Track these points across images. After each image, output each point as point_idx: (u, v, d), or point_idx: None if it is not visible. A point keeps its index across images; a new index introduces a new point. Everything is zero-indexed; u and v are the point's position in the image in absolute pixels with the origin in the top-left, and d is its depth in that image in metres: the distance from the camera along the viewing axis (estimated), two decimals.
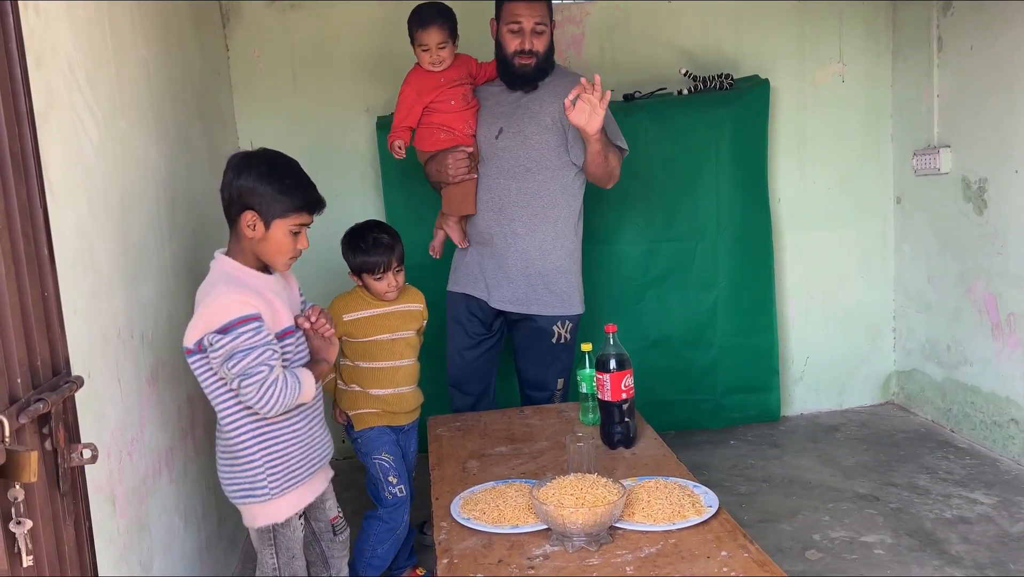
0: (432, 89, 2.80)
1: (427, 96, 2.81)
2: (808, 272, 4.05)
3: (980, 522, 2.89)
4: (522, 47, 2.66)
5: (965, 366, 3.64)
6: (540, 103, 2.76)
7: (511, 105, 2.79)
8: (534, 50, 2.67)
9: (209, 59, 3.24)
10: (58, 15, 1.67)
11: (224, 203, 1.95)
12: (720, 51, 3.88)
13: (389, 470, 2.54)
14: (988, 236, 3.42)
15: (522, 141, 2.75)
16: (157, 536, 2.04)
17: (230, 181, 1.92)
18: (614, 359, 2.20)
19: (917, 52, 3.79)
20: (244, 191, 1.89)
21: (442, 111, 2.81)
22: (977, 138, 3.45)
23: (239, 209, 1.90)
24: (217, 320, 1.80)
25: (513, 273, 2.82)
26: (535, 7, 2.65)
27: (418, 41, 2.76)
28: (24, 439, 1.17)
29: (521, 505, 1.84)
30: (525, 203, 2.78)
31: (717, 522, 1.75)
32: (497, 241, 2.82)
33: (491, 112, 2.82)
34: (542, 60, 2.70)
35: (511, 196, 2.78)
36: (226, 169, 1.94)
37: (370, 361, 2.54)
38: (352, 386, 2.57)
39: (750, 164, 3.74)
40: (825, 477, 3.34)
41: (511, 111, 2.79)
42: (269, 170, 1.91)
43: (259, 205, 1.89)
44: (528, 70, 2.70)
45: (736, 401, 3.84)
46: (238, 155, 1.96)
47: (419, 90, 2.81)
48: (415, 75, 2.84)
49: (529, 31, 2.65)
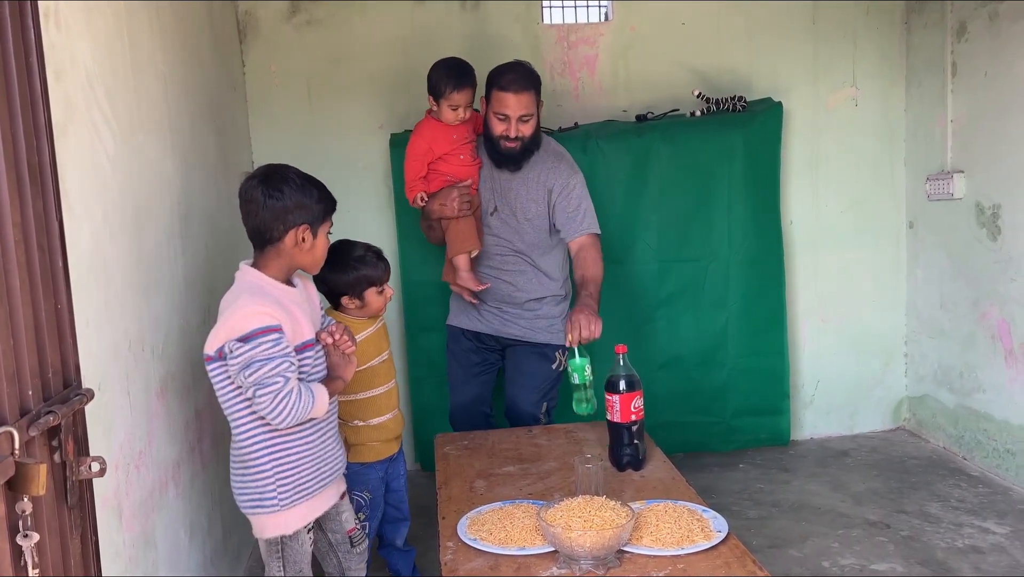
0: (444, 143, 2.81)
1: (439, 149, 2.80)
2: (820, 295, 4.04)
3: (992, 552, 2.85)
4: (507, 133, 2.73)
5: (978, 393, 3.61)
6: (527, 187, 2.84)
7: (503, 185, 2.86)
8: (520, 136, 2.74)
9: (226, 74, 3.27)
10: (79, 29, 1.68)
11: (259, 226, 1.90)
12: (734, 73, 3.89)
13: (362, 507, 2.50)
14: (1002, 262, 3.40)
15: (515, 226, 2.87)
16: (162, 550, 2.03)
17: (263, 203, 1.88)
18: (624, 380, 2.18)
19: (931, 77, 3.78)
20: (289, 208, 1.89)
21: (451, 163, 2.83)
22: (991, 164, 3.44)
23: (286, 227, 1.90)
24: (239, 329, 1.81)
25: (513, 316, 2.94)
26: (522, 100, 2.71)
27: (450, 100, 2.74)
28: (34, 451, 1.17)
29: (528, 526, 1.82)
30: (521, 270, 2.92)
31: (726, 547, 1.73)
32: (497, 293, 2.93)
33: (484, 186, 2.89)
34: (528, 143, 2.78)
35: (508, 265, 2.91)
36: (250, 195, 1.90)
37: (367, 390, 2.47)
38: (355, 422, 2.48)
39: (762, 186, 3.74)
40: (835, 503, 3.31)
41: (503, 191, 2.87)
42: (301, 182, 1.93)
43: (309, 217, 1.91)
44: (514, 152, 2.78)
45: (746, 424, 3.81)
46: (256, 177, 1.92)
47: (432, 143, 2.81)
48: (428, 128, 2.82)
49: (515, 120, 2.72)
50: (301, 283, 2.04)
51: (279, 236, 1.91)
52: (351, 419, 2.47)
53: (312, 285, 2.13)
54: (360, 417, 2.48)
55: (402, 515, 2.70)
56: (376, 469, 2.54)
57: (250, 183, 1.93)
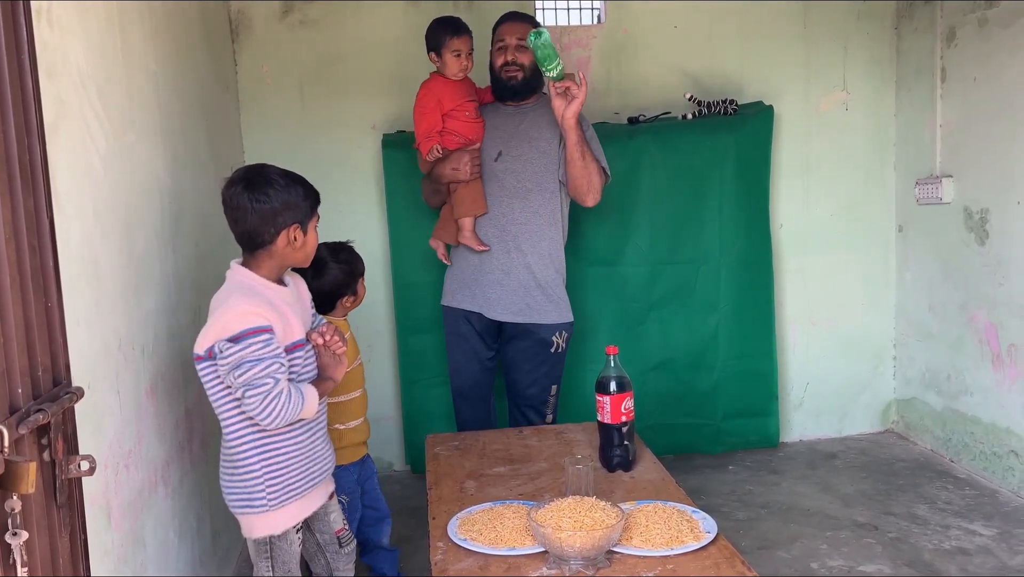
0: (451, 97, 2.91)
1: (447, 104, 2.91)
2: (809, 298, 4.05)
3: (979, 554, 2.87)
4: (507, 60, 2.90)
5: (965, 396, 3.63)
6: (537, 128, 2.93)
7: (509, 130, 2.94)
8: (518, 62, 2.89)
9: (218, 74, 3.26)
10: (71, 27, 1.68)
11: (249, 231, 1.89)
12: (725, 77, 3.91)
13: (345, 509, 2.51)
14: (990, 266, 3.42)
15: (522, 164, 2.91)
16: (151, 550, 2.02)
17: (250, 208, 1.86)
18: (614, 381, 2.19)
19: (921, 81, 3.81)
20: (278, 210, 1.88)
21: (458, 119, 2.92)
22: (980, 168, 3.47)
23: (277, 229, 1.89)
24: (229, 329, 1.81)
25: (513, 285, 2.93)
26: (517, 26, 2.90)
27: (451, 47, 2.88)
28: (23, 449, 1.17)
29: (518, 527, 1.83)
30: (526, 220, 2.91)
31: (715, 548, 1.74)
32: (499, 255, 2.92)
33: (489, 135, 2.96)
34: (528, 74, 2.91)
35: (514, 214, 2.91)
36: (236, 201, 1.88)
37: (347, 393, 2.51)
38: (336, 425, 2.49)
39: (753, 189, 3.76)
40: (824, 505, 3.33)
41: (509, 135, 2.93)
42: (285, 182, 1.91)
43: (298, 216, 1.92)
44: (515, 82, 2.92)
45: (736, 426, 3.83)
46: (239, 183, 1.89)
47: (440, 97, 2.91)
48: (435, 83, 2.93)
49: (513, 47, 2.88)
50: (292, 282, 2.04)
51: (271, 239, 1.90)
52: (333, 423, 2.48)
53: (303, 284, 2.13)
54: (340, 420, 2.51)
55: (382, 513, 2.71)
56: (351, 472, 2.57)
57: (234, 189, 1.89)
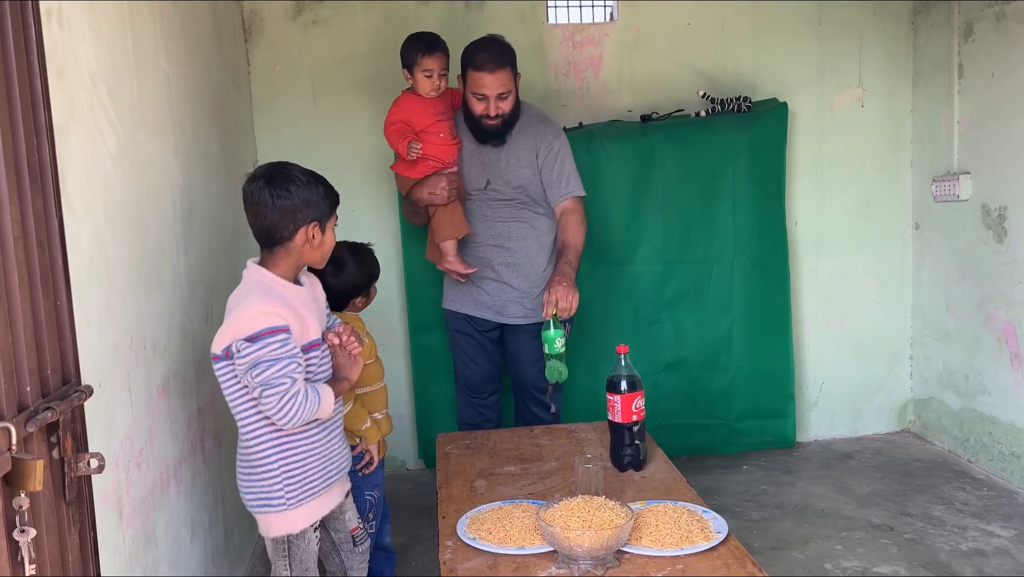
0: (423, 117, 2.80)
1: (419, 124, 2.80)
2: (825, 297, 4.02)
3: (996, 555, 2.84)
4: (487, 112, 2.75)
5: (983, 396, 3.59)
6: (515, 154, 2.87)
7: (491, 158, 2.88)
8: (500, 113, 2.76)
9: (230, 73, 3.28)
10: (81, 28, 1.69)
11: (269, 227, 1.89)
12: (739, 74, 3.88)
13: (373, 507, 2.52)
14: (1008, 264, 3.38)
15: (512, 190, 2.91)
16: (163, 548, 2.03)
17: (271, 204, 1.87)
18: (625, 380, 2.18)
19: (937, 78, 3.77)
20: (298, 207, 1.88)
21: (432, 143, 2.82)
22: (997, 165, 3.42)
23: (296, 226, 1.89)
24: (247, 328, 1.81)
25: (517, 296, 2.97)
26: (499, 78, 2.71)
27: (423, 66, 2.78)
28: (31, 447, 1.18)
29: (528, 526, 1.82)
30: (522, 235, 2.95)
31: (726, 548, 1.73)
32: (500, 269, 2.96)
33: (471, 163, 2.90)
34: (508, 117, 2.80)
35: (511, 232, 2.95)
36: (257, 196, 1.89)
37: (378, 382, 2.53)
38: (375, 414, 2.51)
39: (767, 187, 3.72)
40: (839, 505, 3.30)
41: (492, 163, 2.89)
42: (306, 179, 1.92)
43: (317, 214, 1.92)
44: (497, 129, 2.81)
45: (751, 427, 3.80)
46: (261, 178, 1.90)
47: (410, 115, 2.80)
48: (405, 100, 2.83)
49: (494, 98, 2.74)
50: (308, 282, 2.04)
51: (289, 236, 1.90)
52: (373, 411, 2.50)
53: (319, 284, 2.13)
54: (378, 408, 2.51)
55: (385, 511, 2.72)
56: (382, 466, 2.56)
57: (255, 184, 1.90)
